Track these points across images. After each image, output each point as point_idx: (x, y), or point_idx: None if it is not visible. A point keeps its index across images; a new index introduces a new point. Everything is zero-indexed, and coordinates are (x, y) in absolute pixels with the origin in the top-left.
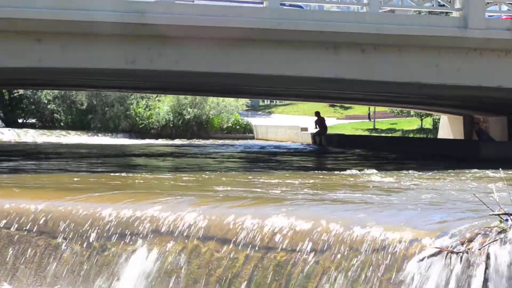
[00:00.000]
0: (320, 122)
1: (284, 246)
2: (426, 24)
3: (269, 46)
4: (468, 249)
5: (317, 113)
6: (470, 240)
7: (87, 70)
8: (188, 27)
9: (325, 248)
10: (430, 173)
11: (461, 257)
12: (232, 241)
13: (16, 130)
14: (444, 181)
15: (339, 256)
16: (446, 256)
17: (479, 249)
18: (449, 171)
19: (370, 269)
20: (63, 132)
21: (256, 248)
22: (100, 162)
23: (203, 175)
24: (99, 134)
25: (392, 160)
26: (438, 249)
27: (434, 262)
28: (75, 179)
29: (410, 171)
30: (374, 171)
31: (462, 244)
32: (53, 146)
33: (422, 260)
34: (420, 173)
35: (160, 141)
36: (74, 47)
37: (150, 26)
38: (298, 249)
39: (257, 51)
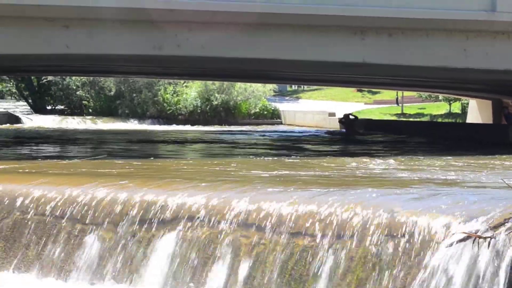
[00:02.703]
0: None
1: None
2: (453, 7)
3: (295, 31)
4: (496, 234)
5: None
6: (498, 225)
7: (115, 56)
8: (215, 13)
9: (356, 231)
10: (458, 159)
11: (489, 242)
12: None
13: (45, 116)
14: (470, 165)
15: (368, 240)
16: (474, 241)
17: (507, 234)
18: (478, 156)
19: (400, 253)
20: (92, 118)
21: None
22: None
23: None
24: (127, 120)
25: (422, 146)
26: (467, 235)
27: (463, 247)
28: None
29: (438, 156)
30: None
31: (490, 229)
32: (90, 132)
33: (450, 245)
34: (449, 158)
35: (190, 127)
36: (101, 33)
37: (177, 11)
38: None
39: (284, 36)
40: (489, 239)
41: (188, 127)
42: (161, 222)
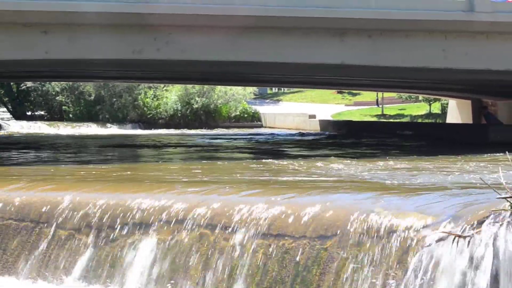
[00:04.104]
0: None
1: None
2: (432, 8)
3: (275, 33)
4: (476, 233)
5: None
6: (478, 224)
7: (94, 61)
8: (195, 16)
9: (336, 232)
10: (436, 158)
11: (469, 241)
12: None
13: (25, 122)
14: (451, 166)
15: (350, 241)
16: (454, 240)
17: (487, 233)
18: (456, 155)
19: (380, 254)
20: (71, 124)
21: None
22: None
23: None
24: (108, 125)
25: (398, 147)
26: (446, 234)
27: (443, 246)
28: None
29: (415, 156)
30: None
31: (470, 228)
32: (69, 138)
33: (430, 244)
34: (427, 157)
35: (170, 131)
36: (80, 38)
37: (157, 15)
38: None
39: (264, 39)
40: (469, 238)
41: (168, 131)
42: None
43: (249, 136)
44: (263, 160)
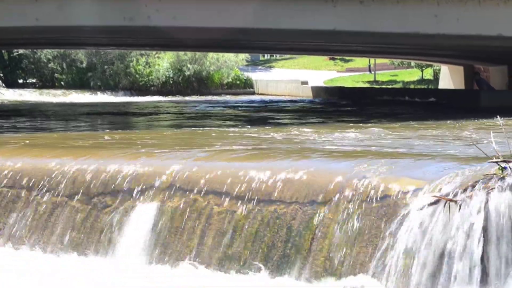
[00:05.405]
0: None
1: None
2: None
3: None
4: (467, 197)
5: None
6: (469, 188)
7: (85, 27)
8: None
9: (329, 197)
10: (428, 124)
11: (460, 205)
12: None
13: (17, 90)
14: (443, 130)
15: (341, 204)
16: (445, 205)
17: (478, 197)
18: (448, 120)
19: (371, 218)
20: (63, 92)
21: None
22: None
23: None
24: (99, 92)
25: (393, 111)
26: (437, 198)
27: (434, 210)
28: None
29: (409, 122)
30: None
31: (461, 192)
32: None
33: (421, 209)
34: (418, 123)
35: (164, 98)
36: (71, 5)
37: None
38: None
39: (256, 5)
40: (460, 202)
41: (160, 98)
42: None
43: (240, 104)
44: (255, 129)
